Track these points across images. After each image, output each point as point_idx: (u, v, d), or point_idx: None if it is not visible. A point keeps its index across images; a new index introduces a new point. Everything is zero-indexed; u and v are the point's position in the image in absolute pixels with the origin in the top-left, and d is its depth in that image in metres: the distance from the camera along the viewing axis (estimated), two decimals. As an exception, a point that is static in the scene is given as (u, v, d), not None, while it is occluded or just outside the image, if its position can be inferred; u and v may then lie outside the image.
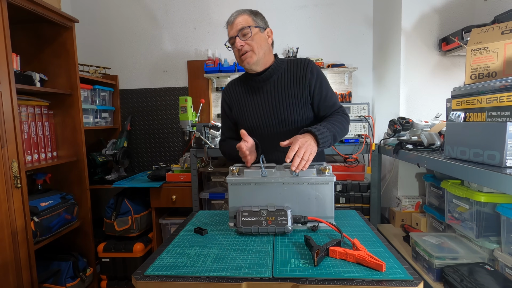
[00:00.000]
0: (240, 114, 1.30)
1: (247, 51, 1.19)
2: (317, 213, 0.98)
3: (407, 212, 1.85)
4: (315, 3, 2.45)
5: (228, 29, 1.23)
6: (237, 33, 1.18)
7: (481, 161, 0.99)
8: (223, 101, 1.37)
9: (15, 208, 1.42)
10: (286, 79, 1.25)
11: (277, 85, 1.25)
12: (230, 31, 1.22)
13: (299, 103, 1.24)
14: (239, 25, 1.19)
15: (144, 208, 2.21)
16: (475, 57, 1.17)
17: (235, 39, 1.19)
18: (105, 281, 2.14)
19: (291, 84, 1.24)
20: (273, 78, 1.25)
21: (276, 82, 1.25)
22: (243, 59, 1.21)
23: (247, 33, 1.19)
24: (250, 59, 1.20)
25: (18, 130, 1.46)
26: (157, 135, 2.66)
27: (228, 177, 1.01)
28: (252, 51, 1.19)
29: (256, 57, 1.20)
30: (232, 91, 1.34)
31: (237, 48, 1.20)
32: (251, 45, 1.19)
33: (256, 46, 1.19)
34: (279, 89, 1.24)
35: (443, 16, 1.90)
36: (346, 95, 2.39)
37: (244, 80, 1.33)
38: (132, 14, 2.60)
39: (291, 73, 1.25)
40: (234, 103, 1.33)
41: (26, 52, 1.88)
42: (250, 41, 1.19)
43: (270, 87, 1.25)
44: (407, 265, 0.74)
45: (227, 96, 1.35)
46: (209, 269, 0.75)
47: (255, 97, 1.28)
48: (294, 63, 1.27)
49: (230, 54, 2.52)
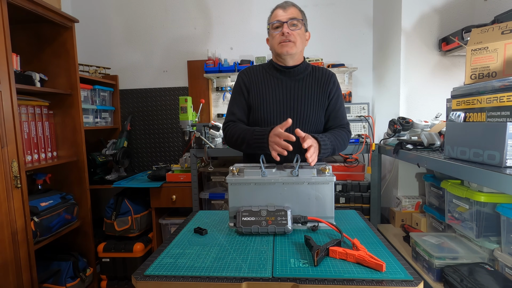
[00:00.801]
0: (257, 100, 1.28)
1: (290, 40, 1.21)
2: (317, 213, 0.98)
3: (407, 212, 1.85)
4: (315, 3, 2.45)
5: (277, 12, 1.23)
6: (287, 19, 1.20)
7: (481, 161, 0.99)
8: (241, 82, 1.32)
9: (15, 208, 1.42)
10: (310, 81, 1.29)
11: (301, 84, 1.28)
12: (279, 15, 1.22)
13: (317, 106, 1.27)
14: (292, 13, 1.21)
15: (144, 208, 2.21)
16: (475, 57, 1.17)
17: (282, 24, 1.20)
18: (105, 281, 2.14)
19: (314, 87, 1.28)
20: (300, 76, 1.29)
21: (301, 81, 1.29)
22: (283, 46, 1.21)
23: (296, 24, 1.21)
24: (291, 49, 1.22)
25: (18, 130, 1.46)
26: (157, 135, 2.66)
27: (228, 177, 1.01)
28: (295, 42, 1.22)
29: (295, 49, 1.23)
30: (254, 75, 1.32)
31: (281, 33, 1.20)
32: (296, 36, 1.22)
33: (299, 40, 1.23)
34: (302, 88, 1.28)
35: (443, 16, 1.90)
36: (346, 95, 2.39)
37: (268, 69, 1.32)
38: (132, 14, 2.60)
39: (316, 78, 1.30)
40: (253, 87, 1.30)
41: (26, 52, 1.88)
42: (296, 34, 1.22)
43: (294, 84, 1.28)
44: (407, 265, 0.74)
45: (247, 78, 1.32)
46: (209, 269, 0.75)
47: (277, 89, 1.28)
48: (319, 70, 1.33)
49: (230, 54, 2.52)
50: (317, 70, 1.32)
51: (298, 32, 1.23)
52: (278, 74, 1.29)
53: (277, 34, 1.23)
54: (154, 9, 2.58)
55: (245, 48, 2.51)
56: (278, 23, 1.22)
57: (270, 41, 1.30)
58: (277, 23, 1.22)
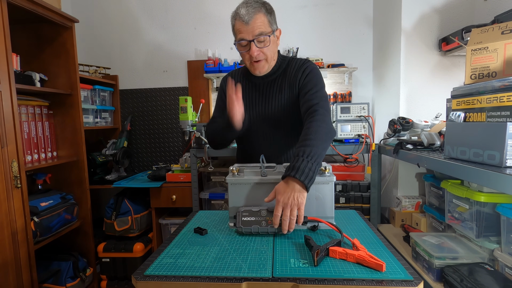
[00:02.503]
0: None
1: (261, 59, 1.14)
2: (317, 213, 0.98)
3: (407, 212, 1.85)
4: (315, 3, 2.45)
5: (240, 26, 1.09)
6: (253, 37, 1.08)
7: (481, 161, 0.99)
8: (221, 88, 1.32)
9: (15, 208, 1.42)
10: (282, 80, 1.23)
11: (273, 83, 1.23)
12: (243, 31, 1.09)
13: (289, 105, 1.20)
14: (256, 30, 1.08)
15: (144, 208, 2.21)
16: (475, 57, 1.17)
17: (249, 43, 1.10)
18: (105, 281, 2.14)
19: (284, 86, 1.21)
20: (273, 76, 1.24)
21: (274, 81, 1.24)
22: (255, 67, 1.16)
23: (264, 40, 1.10)
24: (262, 68, 1.16)
25: (18, 130, 1.46)
26: (157, 135, 2.66)
27: (228, 177, 1.01)
28: (266, 60, 1.15)
29: (267, 65, 1.17)
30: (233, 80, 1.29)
31: (250, 55, 1.12)
32: (266, 54, 1.13)
33: (270, 55, 1.14)
34: (273, 87, 1.23)
35: (443, 16, 1.90)
36: (346, 95, 2.39)
37: (246, 73, 1.29)
38: (132, 14, 2.60)
39: (287, 75, 1.23)
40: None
41: (26, 52, 1.88)
42: (266, 50, 1.12)
43: (267, 85, 1.24)
44: (407, 265, 0.74)
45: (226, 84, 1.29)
46: (209, 269, 0.75)
47: (253, 93, 1.26)
48: (291, 62, 1.24)
49: (230, 54, 2.52)
50: (289, 64, 1.23)
51: (268, 47, 1.12)
52: (252, 77, 1.25)
53: (245, 54, 1.13)
54: (154, 9, 2.58)
55: (245, 48, 2.50)
56: (244, 41, 1.10)
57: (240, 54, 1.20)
58: (243, 41, 1.11)
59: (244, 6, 1.09)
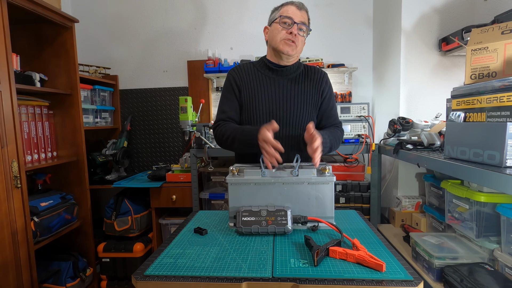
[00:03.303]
0: (249, 99, 1.24)
1: (294, 42, 1.19)
2: (317, 213, 0.98)
3: (407, 212, 1.85)
4: (315, 3, 2.45)
5: (291, 9, 1.18)
6: (300, 21, 1.17)
7: (481, 161, 0.99)
8: (232, 80, 1.27)
9: (15, 208, 1.42)
10: (303, 80, 1.28)
11: (294, 83, 1.27)
12: (293, 12, 1.17)
13: (311, 105, 1.26)
14: (304, 18, 1.19)
15: (144, 208, 2.21)
16: (475, 57, 1.17)
17: (293, 24, 1.17)
18: (105, 281, 2.13)
19: (307, 86, 1.27)
20: (292, 75, 1.27)
21: (294, 80, 1.27)
22: (287, 44, 1.18)
23: (304, 29, 1.20)
24: (292, 51, 1.20)
25: (18, 130, 1.46)
26: (157, 135, 2.66)
27: (228, 177, 1.01)
28: (297, 46, 1.20)
29: (295, 52, 1.21)
30: (245, 73, 1.27)
31: (289, 31, 1.17)
32: (299, 41, 1.20)
33: (301, 46, 1.22)
34: (296, 87, 1.26)
35: (443, 16, 1.90)
36: (346, 95, 2.39)
37: (259, 67, 1.29)
38: (132, 14, 2.60)
39: (309, 77, 1.29)
40: (245, 86, 1.25)
41: (26, 52, 1.88)
42: (300, 39, 1.20)
43: (287, 83, 1.26)
44: (407, 265, 0.74)
45: (238, 76, 1.27)
46: (209, 269, 0.75)
47: (270, 88, 1.25)
48: (312, 69, 1.32)
49: (230, 54, 2.52)
50: (310, 70, 1.31)
51: (302, 39, 1.22)
52: (270, 73, 1.26)
53: (284, 30, 1.18)
54: (154, 9, 2.58)
55: (245, 48, 2.51)
56: (289, 20, 1.17)
57: (271, 32, 1.24)
58: (288, 20, 1.17)
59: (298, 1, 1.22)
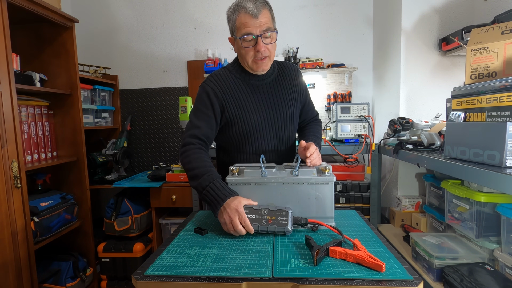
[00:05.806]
0: (240, 113, 1.15)
1: (266, 56, 1.08)
2: (317, 213, 0.98)
3: (407, 212, 1.85)
4: (315, 3, 2.45)
5: (247, 20, 1.02)
6: (260, 33, 1.04)
7: (481, 161, 0.99)
8: (212, 94, 1.13)
9: (15, 208, 1.42)
10: (282, 79, 1.22)
11: (276, 84, 1.21)
12: (250, 25, 1.03)
13: (296, 102, 1.24)
14: (264, 25, 1.03)
15: (144, 208, 2.21)
16: (475, 57, 1.17)
17: (255, 39, 1.04)
18: (105, 281, 2.13)
19: (287, 85, 1.22)
20: (271, 77, 1.21)
21: (274, 81, 1.21)
22: (259, 65, 1.09)
23: (270, 36, 1.07)
24: (266, 66, 1.11)
25: (18, 130, 1.46)
26: (157, 135, 2.66)
27: (228, 177, 1.01)
28: (269, 56, 1.10)
29: (270, 63, 1.13)
30: (225, 84, 1.15)
31: (256, 51, 1.06)
32: (270, 50, 1.09)
33: (273, 52, 1.11)
34: (278, 88, 1.21)
35: (443, 16, 1.90)
36: (346, 95, 2.39)
37: (236, 72, 1.18)
38: (132, 14, 2.60)
39: (285, 75, 1.23)
40: (229, 99, 1.14)
41: (26, 52, 1.88)
42: (271, 47, 1.08)
43: (269, 87, 1.20)
44: (407, 265, 0.74)
45: (219, 89, 1.14)
46: (209, 269, 0.75)
47: (254, 95, 1.17)
48: (285, 65, 1.25)
49: (230, 54, 2.52)
50: (283, 66, 1.23)
51: (272, 44, 1.08)
52: (249, 77, 1.17)
53: (250, 50, 1.06)
54: (154, 9, 2.58)
55: (245, 48, 2.50)
56: (249, 36, 1.04)
57: (237, 50, 1.12)
58: (248, 36, 1.04)
59: (249, 0, 1.04)
